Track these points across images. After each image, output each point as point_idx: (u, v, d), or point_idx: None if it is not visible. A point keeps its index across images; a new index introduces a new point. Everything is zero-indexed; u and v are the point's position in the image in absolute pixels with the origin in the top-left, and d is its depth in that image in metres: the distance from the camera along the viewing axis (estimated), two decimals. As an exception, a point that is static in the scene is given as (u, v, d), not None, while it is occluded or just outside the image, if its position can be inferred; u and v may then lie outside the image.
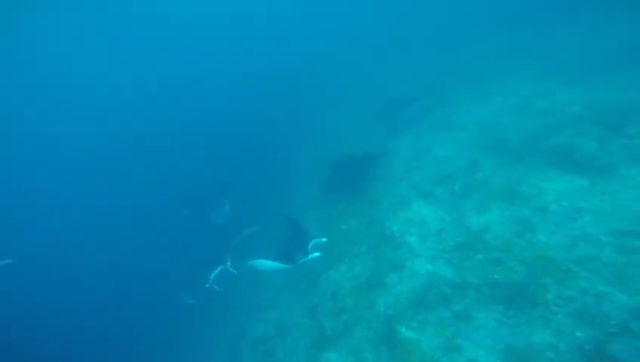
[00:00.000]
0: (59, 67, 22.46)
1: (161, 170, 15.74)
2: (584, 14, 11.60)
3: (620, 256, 4.16)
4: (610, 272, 4.04)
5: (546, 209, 5.35)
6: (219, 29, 29.62)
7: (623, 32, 9.52)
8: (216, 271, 7.68)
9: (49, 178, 17.77)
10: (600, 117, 6.43)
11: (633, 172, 5.15)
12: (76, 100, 22.70)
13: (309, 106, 17.35)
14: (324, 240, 6.52)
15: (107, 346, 10.20)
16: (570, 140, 6.27)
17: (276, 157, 14.97)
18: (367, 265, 6.77)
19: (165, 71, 25.38)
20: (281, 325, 7.24)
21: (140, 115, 21.00)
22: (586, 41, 10.04)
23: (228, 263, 7.66)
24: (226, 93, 21.47)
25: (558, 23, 11.91)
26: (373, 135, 10.98)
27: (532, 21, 13.03)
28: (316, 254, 6.26)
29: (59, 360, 10.20)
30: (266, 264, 6.23)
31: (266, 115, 17.38)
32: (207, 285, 7.62)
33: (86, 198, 15.74)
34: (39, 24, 18.27)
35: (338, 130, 13.89)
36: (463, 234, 5.94)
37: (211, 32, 29.40)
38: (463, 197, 6.66)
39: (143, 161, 16.98)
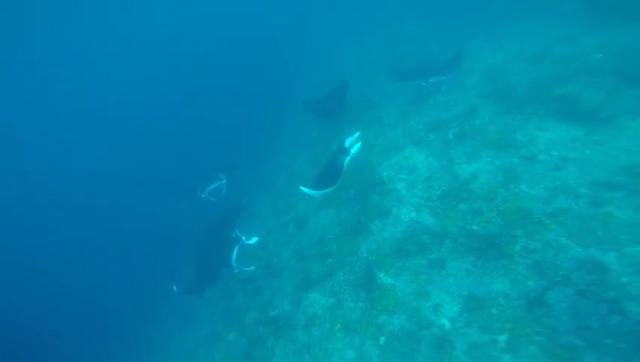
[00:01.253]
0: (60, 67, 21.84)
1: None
2: None
3: (590, 208, 4.03)
4: (576, 225, 3.94)
5: (534, 158, 5.12)
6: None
7: None
8: (235, 253, 6.76)
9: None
10: (620, 66, 5.69)
11: (632, 123, 4.77)
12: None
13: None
14: (358, 133, 6.24)
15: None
16: (578, 90, 5.71)
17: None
18: (354, 211, 6.76)
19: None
20: (269, 266, 7.47)
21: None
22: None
23: (243, 238, 6.81)
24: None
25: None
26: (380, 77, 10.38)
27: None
28: (358, 145, 6.05)
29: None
30: (314, 193, 5.99)
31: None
32: (235, 270, 6.68)
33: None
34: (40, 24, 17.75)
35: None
36: (450, 182, 5.82)
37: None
38: (456, 144, 6.41)
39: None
